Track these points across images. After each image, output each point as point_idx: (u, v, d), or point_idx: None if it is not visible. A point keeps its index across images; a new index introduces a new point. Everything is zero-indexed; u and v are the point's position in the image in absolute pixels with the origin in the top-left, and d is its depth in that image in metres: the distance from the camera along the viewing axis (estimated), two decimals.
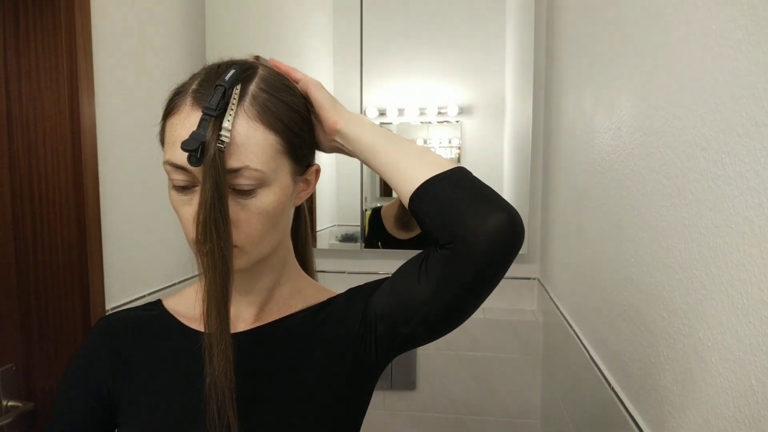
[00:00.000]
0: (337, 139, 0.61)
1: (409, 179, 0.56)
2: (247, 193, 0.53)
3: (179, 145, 0.49)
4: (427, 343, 0.59)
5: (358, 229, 1.85)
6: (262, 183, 0.53)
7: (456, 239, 0.51)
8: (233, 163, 0.51)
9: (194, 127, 0.50)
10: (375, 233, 1.84)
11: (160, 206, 1.46)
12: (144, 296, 1.39)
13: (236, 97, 0.52)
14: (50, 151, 1.15)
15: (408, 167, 0.56)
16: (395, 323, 0.58)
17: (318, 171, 0.64)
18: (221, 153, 0.49)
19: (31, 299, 1.18)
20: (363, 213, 1.84)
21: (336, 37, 1.83)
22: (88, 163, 1.17)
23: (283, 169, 0.56)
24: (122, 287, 1.32)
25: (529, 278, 1.75)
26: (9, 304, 1.17)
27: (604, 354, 0.98)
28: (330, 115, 0.60)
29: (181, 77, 0.58)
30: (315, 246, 1.86)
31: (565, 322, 1.30)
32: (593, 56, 1.07)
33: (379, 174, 0.59)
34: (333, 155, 0.66)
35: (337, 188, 1.86)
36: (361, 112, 1.79)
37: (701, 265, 0.60)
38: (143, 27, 1.41)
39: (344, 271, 1.87)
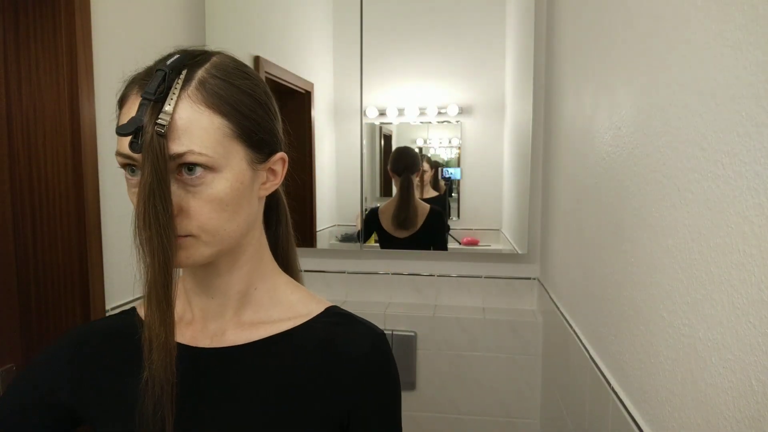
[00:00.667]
0: None
1: None
2: (195, 179, 0.51)
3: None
4: None
5: (358, 229, 1.85)
6: (210, 169, 0.51)
7: None
8: (176, 147, 0.49)
9: None
10: (370, 233, 1.85)
11: None
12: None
13: (180, 81, 0.50)
14: (50, 151, 1.15)
15: None
16: None
17: (284, 160, 0.60)
18: (160, 137, 0.48)
19: (31, 299, 1.18)
20: (363, 213, 1.84)
21: (336, 37, 1.84)
22: (88, 163, 1.16)
23: (236, 155, 0.53)
24: (122, 287, 1.32)
25: (529, 278, 1.74)
26: (9, 305, 1.17)
27: (604, 354, 0.98)
28: None
29: None
30: (315, 246, 1.86)
31: (565, 322, 1.30)
32: (593, 56, 1.07)
33: None
34: (333, 155, 0.65)
35: (337, 188, 1.86)
36: (361, 112, 1.79)
37: (701, 265, 0.60)
38: (143, 27, 1.41)
39: (344, 271, 1.87)
